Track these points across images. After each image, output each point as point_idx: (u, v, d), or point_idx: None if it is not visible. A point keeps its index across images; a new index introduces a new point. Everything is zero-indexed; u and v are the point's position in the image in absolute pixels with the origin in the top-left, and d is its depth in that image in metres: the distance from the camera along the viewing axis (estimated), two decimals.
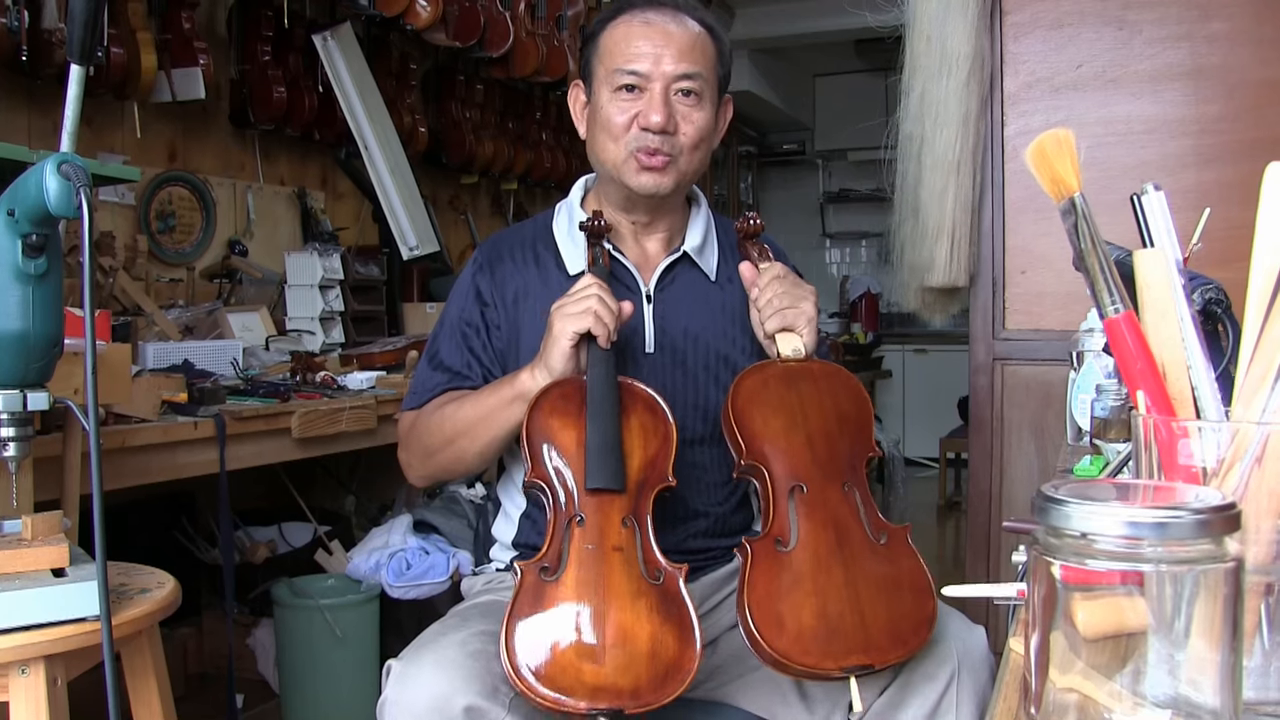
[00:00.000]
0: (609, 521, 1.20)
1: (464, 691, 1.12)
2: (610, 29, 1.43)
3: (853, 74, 7.37)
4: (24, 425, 1.19)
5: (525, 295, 1.46)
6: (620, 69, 1.39)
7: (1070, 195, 0.70)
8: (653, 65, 1.39)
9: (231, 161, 3.29)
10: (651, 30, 1.40)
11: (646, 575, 1.18)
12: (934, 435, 5.98)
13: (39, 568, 1.17)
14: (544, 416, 1.26)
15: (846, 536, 1.21)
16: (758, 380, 1.32)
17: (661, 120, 1.37)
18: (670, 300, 1.46)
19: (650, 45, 1.39)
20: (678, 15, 1.42)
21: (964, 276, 2.21)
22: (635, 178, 1.41)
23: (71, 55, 1.21)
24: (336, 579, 2.70)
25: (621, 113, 1.40)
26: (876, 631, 1.14)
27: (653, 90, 1.39)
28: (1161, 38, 2.16)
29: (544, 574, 1.16)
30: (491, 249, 1.52)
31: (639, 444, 1.25)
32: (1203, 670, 0.52)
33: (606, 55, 1.42)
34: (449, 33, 3.56)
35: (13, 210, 1.13)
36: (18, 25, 2.37)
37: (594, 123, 1.45)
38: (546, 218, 1.55)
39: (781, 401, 1.30)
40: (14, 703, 1.10)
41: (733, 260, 1.52)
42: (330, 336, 3.14)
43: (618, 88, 1.40)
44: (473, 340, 1.46)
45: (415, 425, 1.47)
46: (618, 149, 1.41)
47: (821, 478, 1.25)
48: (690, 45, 1.40)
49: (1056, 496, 0.53)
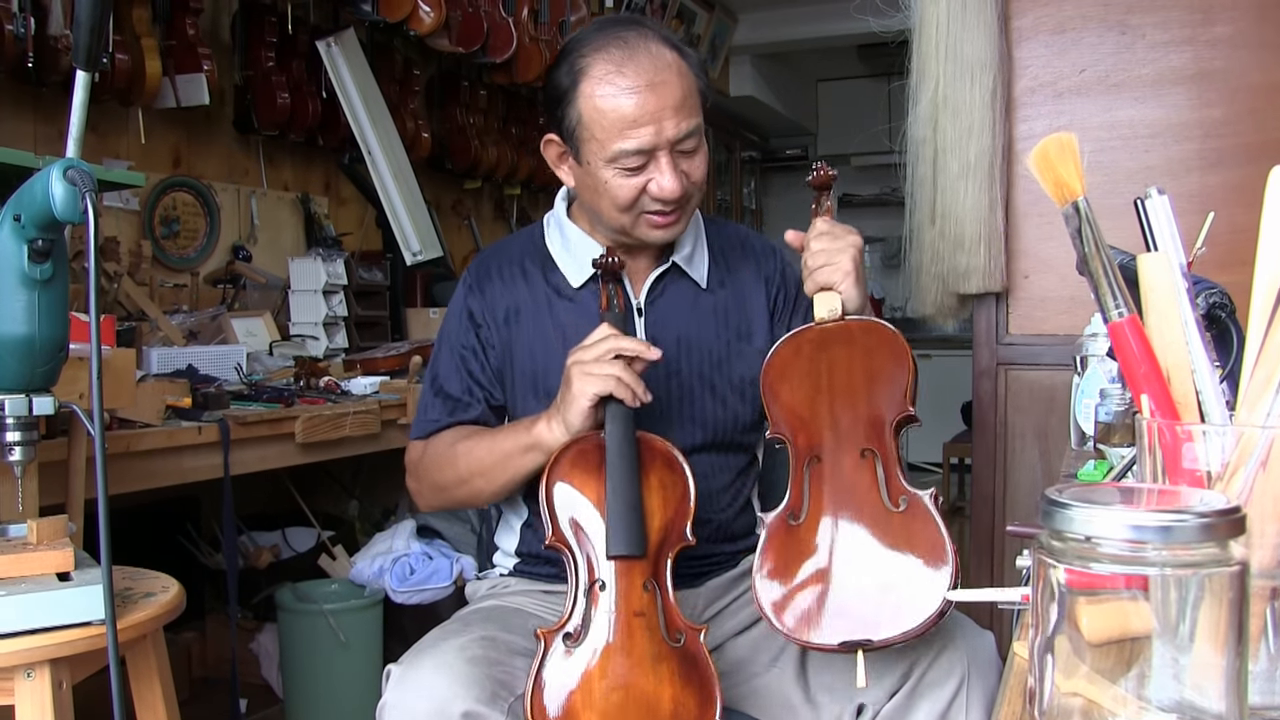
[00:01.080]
0: (631, 586, 1.19)
1: (463, 697, 1.11)
2: (588, 96, 1.30)
3: (856, 79, 7.38)
4: (29, 430, 1.20)
5: (516, 313, 1.43)
6: (621, 149, 1.29)
7: (1074, 200, 0.70)
8: (655, 136, 1.29)
9: (235, 167, 3.30)
10: (640, 96, 1.27)
11: (668, 638, 1.18)
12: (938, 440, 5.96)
13: (44, 572, 1.17)
14: (562, 477, 1.24)
15: (859, 508, 1.17)
16: (790, 349, 1.29)
17: (678, 191, 1.31)
18: (661, 311, 1.44)
19: (645, 113, 1.28)
20: (651, 51, 1.30)
21: (999, 282, 2.21)
22: (649, 233, 1.37)
23: (77, 61, 1.21)
24: (340, 584, 2.70)
25: (628, 187, 1.32)
26: (883, 608, 1.11)
27: (659, 160, 1.30)
28: (1164, 42, 2.16)
29: (567, 640, 1.16)
30: (480, 268, 1.48)
31: (659, 505, 1.23)
32: (1208, 675, 0.52)
33: (596, 128, 1.30)
34: (452, 38, 3.57)
35: (19, 215, 1.13)
36: (24, 32, 2.38)
37: (590, 188, 1.37)
38: (534, 232, 1.51)
39: (810, 369, 1.27)
40: (20, 706, 1.10)
41: (723, 263, 1.50)
42: (334, 342, 3.14)
43: (620, 167, 1.31)
44: (471, 364, 1.44)
45: (425, 458, 1.45)
46: (627, 216, 1.35)
47: (838, 447, 1.21)
48: (681, 94, 1.30)
49: (1060, 500, 0.53)
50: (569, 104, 1.32)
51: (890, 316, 7.66)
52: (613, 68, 1.29)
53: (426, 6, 3.36)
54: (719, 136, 6.67)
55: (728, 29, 6.11)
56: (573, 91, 1.32)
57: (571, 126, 1.33)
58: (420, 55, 3.87)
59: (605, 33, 1.32)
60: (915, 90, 2.20)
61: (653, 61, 1.29)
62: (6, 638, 1.09)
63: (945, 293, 2.23)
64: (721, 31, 6.04)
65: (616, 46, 1.30)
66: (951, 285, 2.21)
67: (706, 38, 5.91)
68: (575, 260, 1.44)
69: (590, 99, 1.30)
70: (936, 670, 1.22)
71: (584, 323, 1.38)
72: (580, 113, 1.31)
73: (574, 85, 1.31)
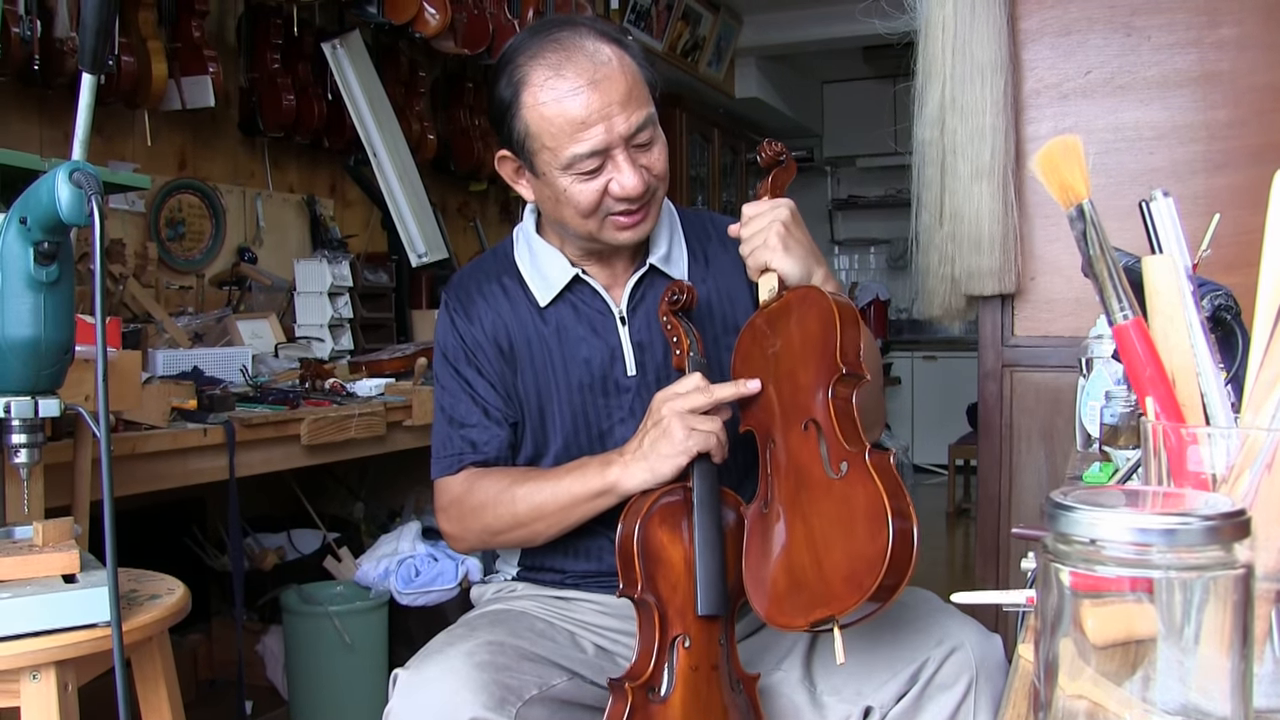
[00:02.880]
0: (711, 640, 1.21)
1: (470, 703, 1.10)
2: (530, 105, 1.26)
3: (861, 81, 7.38)
4: (35, 432, 1.20)
5: (504, 331, 1.40)
6: (574, 154, 1.25)
7: (1079, 202, 0.70)
8: (606, 135, 1.24)
9: (241, 169, 3.31)
10: (583, 96, 1.23)
11: (731, 688, 1.21)
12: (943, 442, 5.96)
13: (50, 574, 1.18)
14: (652, 531, 1.22)
15: (805, 483, 1.15)
16: (746, 340, 1.28)
17: (639, 186, 1.27)
18: (644, 316, 1.40)
19: (592, 112, 1.23)
20: (586, 50, 1.26)
21: (1012, 284, 2.21)
22: (616, 235, 1.33)
23: (83, 64, 1.22)
24: (345, 586, 2.70)
25: (588, 191, 1.28)
26: (834, 579, 1.07)
27: (615, 159, 1.26)
28: (1169, 44, 2.15)
29: (650, 695, 1.18)
30: (459, 291, 1.44)
31: (734, 560, 1.23)
32: (1213, 677, 0.52)
33: (545, 136, 1.26)
34: (457, 40, 3.57)
35: (25, 218, 1.14)
36: (30, 35, 2.38)
37: (550, 199, 1.32)
38: (506, 249, 1.47)
39: (759, 355, 1.26)
40: (25, 708, 1.11)
41: (700, 256, 1.46)
42: (339, 344, 3.15)
43: (577, 172, 1.27)
44: (477, 386, 1.40)
45: (470, 501, 1.38)
46: (592, 221, 1.31)
47: (785, 426, 1.20)
48: (625, 88, 1.25)
49: (1066, 503, 0.52)
50: (514, 117, 1.28)
51: (896, 318, 7.67)
52: (551, 72, 1.25)
53: (432, 8, 3.37)
54: (724, 138, 6.68)
55: (733, 31, 6.11)
56: (515, 103, 1.27)
57: (521, 139, 1.29)
58: (425, 57, 3.88)
59: (539, 37, 1.28)
60: (922, 92, 2.20)
61: (590, 59, 1.25)
62: (12, 639, 1.10)
63: (953, 294, 2.23)
64: (727, 33, 6.04)
65: (551, 50, 1.26)
66: (964, 287, 2.21)
67: (712, 39, 5.91)
68: (543, 277, 1.40)
69: (534, 108, 1.26)
70: (945, 673, 1.22)
71: (565, 343, 1.37)
72: (527, 123, 1.27)
73: (515, 96, 1.27)
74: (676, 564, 1.21)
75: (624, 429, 1.37)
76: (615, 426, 1.39)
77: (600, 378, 1.38)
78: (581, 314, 1.39)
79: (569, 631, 1.35)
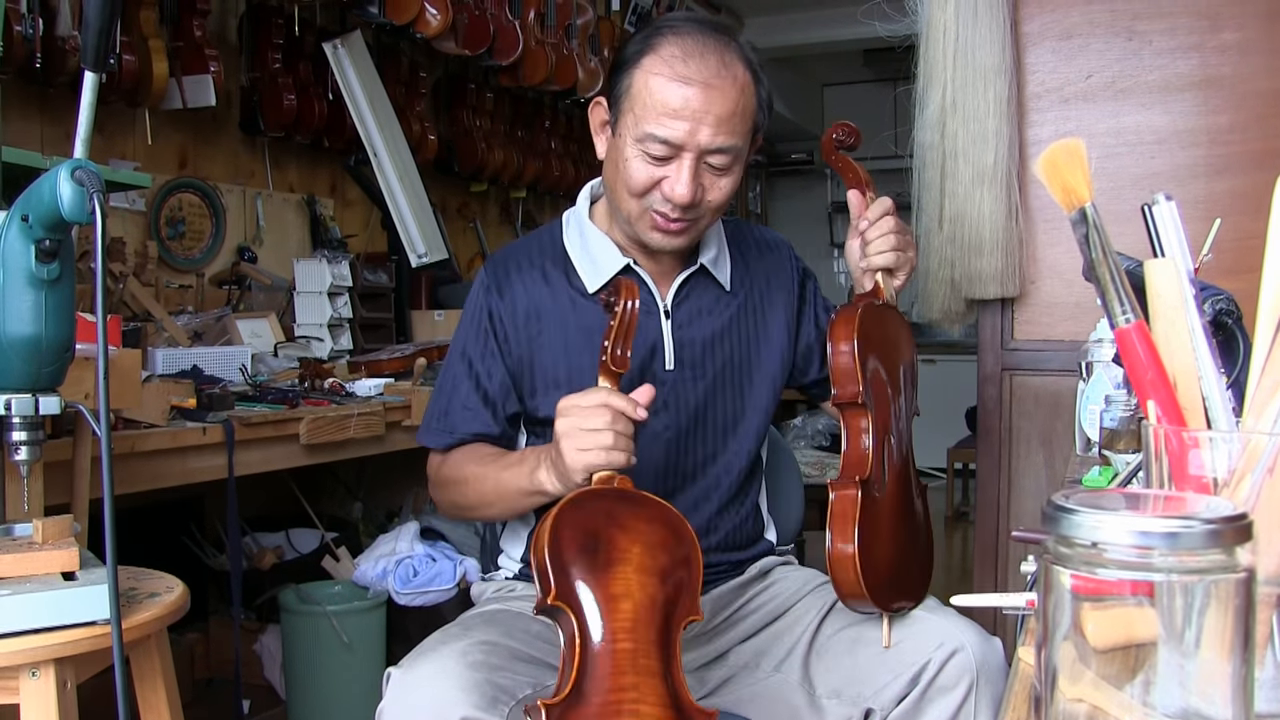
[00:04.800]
0: None
1: (462, 703, 1.10)
2: (646, 70, 1.29)
3: (861, 84, 7.38)
4: (35, 429, 1.20)
5: (537, 315, 1.40)
6: (650, 133, 1.27)
7: (1082, 205, 0.70)
8: (687, 135, 1.26)
9: (241, 168, 3.31)
10: (692, 90, 1.25)
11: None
12: (942, 446, 5.96)
13: (50, 571, 1.17)
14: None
15: (907, 490, 1.33)
16: (875, 318, 1.32)
17: (688, 197, 1.28)
18: (688, 314, 1.42)
19: (688, 108, 1.25)
20: (724, 59, 1.28)
21: (1015, 288, 2.21)
22: (649, 234, 1.34)
23: (86, 62, 1.22)
24: (343, 585, 2.70)
25: (645, 173, 1.30)
26: (914, 580, 1.32)
27: (682, 161, 1.28)
28: (1171, 48, 2.15)
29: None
30: (499, 268, 1.44)
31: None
32: (1213, 682, 0.52)
33: (638, 103, 1.29)
34: (458, 41, 3.58)
35: (26, 216, 1.14)
36: (32, 33, 2.39)
37: (613, 161, 1.35)
38: (554, 231, 1.47)
39: (884, 344, 1.33)
40: (25, 705, 1.11)
41: (742, 263, 1.49)
42: (338, 343, 3.15)
43: (644, 149, 1.29)
44: (482, 375, 1.41)
45: (440, 476, 1.44)
46: (635, 204, 1.33)
47: (898, 429, 1.33)
48: (731, 111, 1.27)
49: (1067, 506, 0.52)
50: (628, 70, 1.31)
51: None
52: (679, 53, 1.28)
53: (433, 9, 3.37)
54: None
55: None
56: (636, 60, 1.30)
57: (621, 92, 1.32)
58: (427, 58, 3.88)
59: (692, 24, 1.33)
60: (923, 95, 2.20)
61: (719, 67, 1.27)
62: (12, 636, 1.09)
63: (952, 298, 2.23)
64: None
65: (694, 39, 1.29)
66: (964, 291, 2.21)
67: None
68: (593, 264, 1.41)
69: (646, 73, 1.29)
70: (945, 675, 1.22)
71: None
72: (633, 82, 1.30)
73: (639, 54, 1.30)
74: None
75: (655, 420, 1.35)
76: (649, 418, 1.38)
77: (638, 369, 1.38)
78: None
79: None
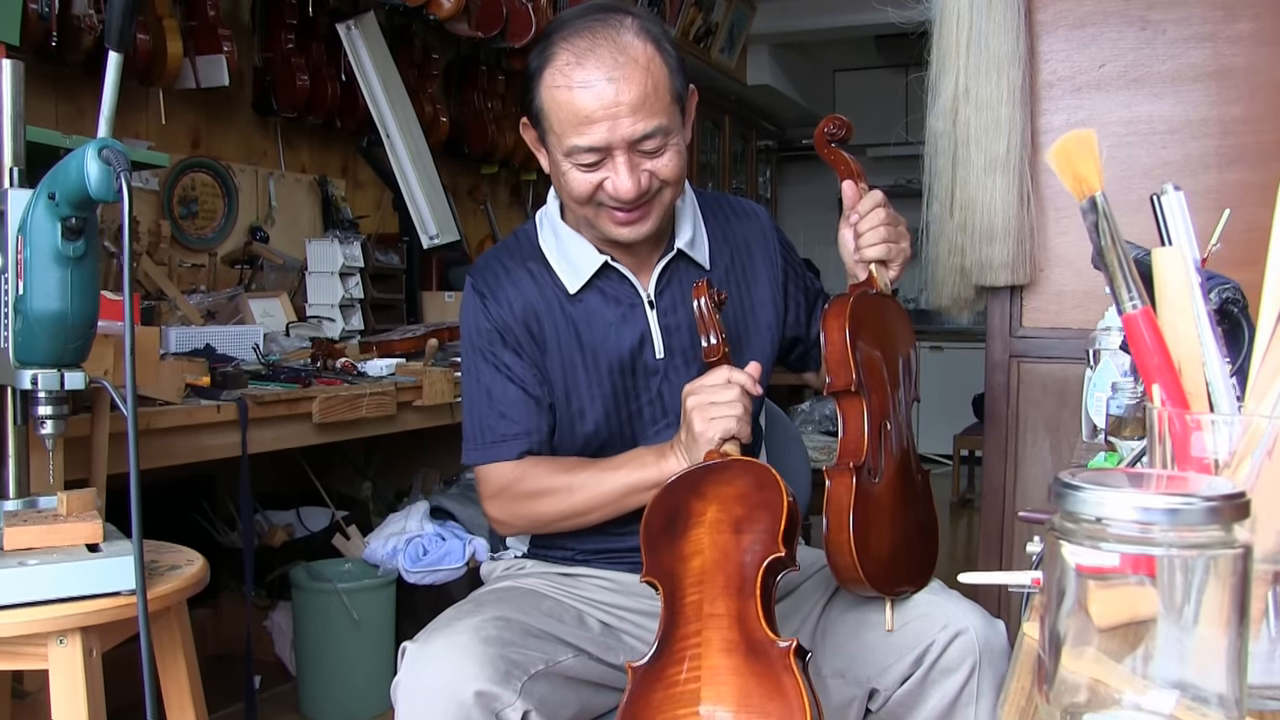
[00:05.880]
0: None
1: (476, 677, 1.12)
2: (548, 85, 1.26)
3: (873, 70, 7.35)
4: (60, 404, 1.23)
5: (533, 315, 1.39)
6: (574, 145, 1.25)
7: (1092, 194, 0.72)
8: (609, 134, 1.23)
9: (254, 148, 3.32)
10: (596, 90, 1.22)
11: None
12: (948, 432, 5.98)
13: (75, 542, 1.20)
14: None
15: (908, 477, 1.34)
16: (869, 307, 1.33)
17: (633, 190, 1.26)
18: (671, 301, 1.42)
19: (600, 109, 1.22)
20: (618, 45, 1.23)
21: (1026, 275, 2.22)
22: (614, 230, 1.33)
23: (109, 42, 1.24)
24: (353, 564, 2.73)
25: (584, 182, 1.28)
26: (916, 564, 1.33)
27: (615, 159, 1.25)
28: (1185, 38, 2.16)
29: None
30: (486, 274, 1.43)
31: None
32: (1210, 655, 0.54)
33: (553, 119, 1.27)
34: (471, 23, 3.58)
35: (53, 194, 1.16)
36: (48, 11, 2.40)
37: (555, 176, 1.33)
38: (529, 232, 1.46)
39: (881, 333, 1.33)
40: (53, 672, 1.13)
41: (720, 238, 1.47)
42: (350, 324, 3.17)
43: (575, 162, 1.27)
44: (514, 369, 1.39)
45: (520, 489, 1.38)
46: (588, 209, 1.32)
47: (895, 417, 1.33)
48: (642, 95, 1.23)
49: (1073, 482, 0.54)
50: (534, 89, 1.29)
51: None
52: (573, 59, 1.24)
53: None
54: (735, 125, 6.67)
55: (746, 17, 6.09)
56: (538, 77, 1.28)
57: (536, 111, 1.30)
58: (439, 40, 3.88)
59: (580, 18, 1.28)
60: (935, 82, 2.20)
61: (615, 55, 1.23)
62: (40, 605, 1.12)
63: (962, 285, 2.24)
64: (740, 20, 6.03)
65: (584, 34, 1.25)
66: (974, 278, 2.21)
67: (725, 26, 5.90)
68: (571, 264, 1.40)
69: (549, 89, 1.26)
70: (949, 656, 1.24)
71: (594, 327, 1.38)
72: (541, 101, 1.28)
73: (539, 71, 1.28)
74: None
75: (652, 409, 1.40)
76: (644, 408, 1.41)
77: (630, 361, 1.39)
78: (610, 299, 1.40)
79: (576, 610, 1.37)
